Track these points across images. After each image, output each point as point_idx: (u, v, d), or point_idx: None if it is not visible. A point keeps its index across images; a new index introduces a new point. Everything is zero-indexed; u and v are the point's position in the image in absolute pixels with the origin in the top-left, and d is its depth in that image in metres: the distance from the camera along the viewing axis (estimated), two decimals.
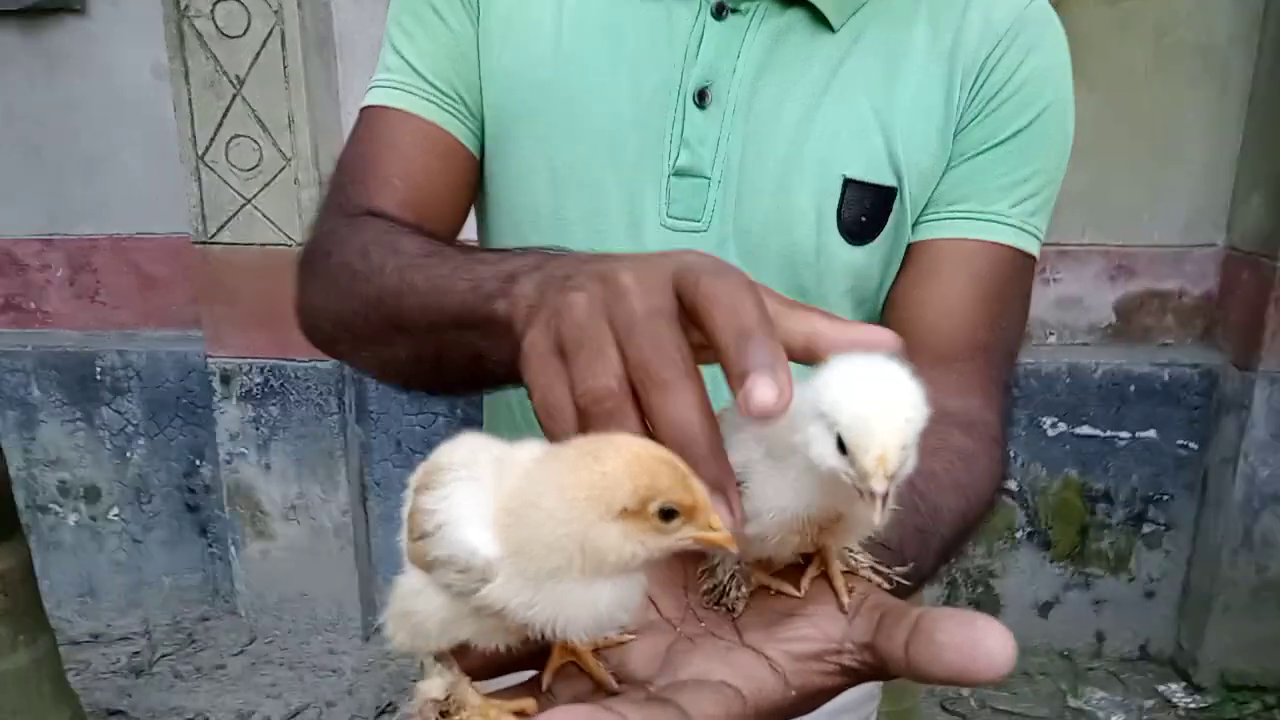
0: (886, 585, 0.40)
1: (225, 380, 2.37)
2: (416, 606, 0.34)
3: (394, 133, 0.73)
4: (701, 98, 0.69)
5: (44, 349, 2.52)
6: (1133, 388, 2.31)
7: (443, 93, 0.72)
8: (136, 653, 2.53)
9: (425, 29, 0.73)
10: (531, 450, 0.35)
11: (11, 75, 2.44)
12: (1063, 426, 2.34)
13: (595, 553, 0.31)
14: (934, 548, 0.55)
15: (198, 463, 2.56)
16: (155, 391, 2.51)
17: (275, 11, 2.18)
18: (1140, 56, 2.23)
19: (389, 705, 2.34)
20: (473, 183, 0.75)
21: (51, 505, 2.59)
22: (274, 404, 2.38)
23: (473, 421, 2.63)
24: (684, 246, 0.69)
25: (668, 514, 0.31)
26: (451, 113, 0.73)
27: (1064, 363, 2.32)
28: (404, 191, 0.70)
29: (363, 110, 0.75)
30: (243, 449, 2.42)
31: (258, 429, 2.40)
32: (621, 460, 0.31)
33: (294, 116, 2.23)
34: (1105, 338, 2.41)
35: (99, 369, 2.50)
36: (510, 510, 0.32)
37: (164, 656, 2.51)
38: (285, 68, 2.21)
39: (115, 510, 2.60)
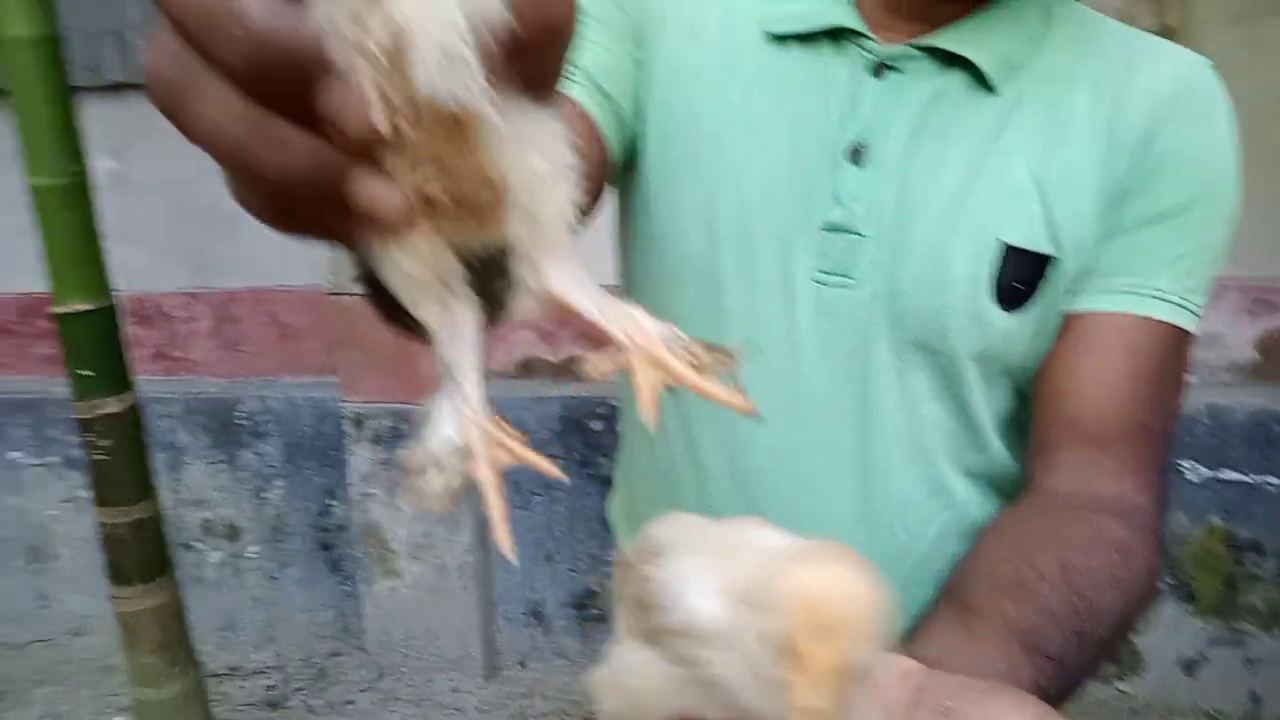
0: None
1: (357, 424, 2.48)
2: (637, 677, 0.36)
3: None
4: (857, 155, 0.69)
5: (190, 395, 2.69)
6: (1279, 428, 2.19)
7: (596, 84, 0.71)
8: (271, 686, 2.64)
9: (586, 32, 0.72)
10: (761, 534, 0.36)
11: (166, 143, 2.63)
12: (1204, 471, 2.23)
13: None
14: (1093, 651, 0.53)
15: (331, 503, 2.67)
16: (292, 435, 2.64)
17: None
18: (1274, 79, 2.13)
19: None
20: (599, 178, 0.73)
21: (195, 543, 2.74)
22: (402, 446, 2.47)
23: (587, 462, 2.67)
24: (834, 301, 0.70)
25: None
26: (599, 104, 0.71)
27: (1203, 403, 2.21)
28: None
29: None
30: (373, 489, 2.51)
31: (386, 470, 2.49)
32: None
33: None
34: (1247, 376, 2.29)
35: (240, 414, 2.65)
36: (744, 594, 0.34)
37: (297, 691, 2.61)
38: None
39: (254, 548, 2.74)
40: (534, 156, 0.29)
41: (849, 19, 0.70)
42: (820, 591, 0.30)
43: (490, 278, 0.32)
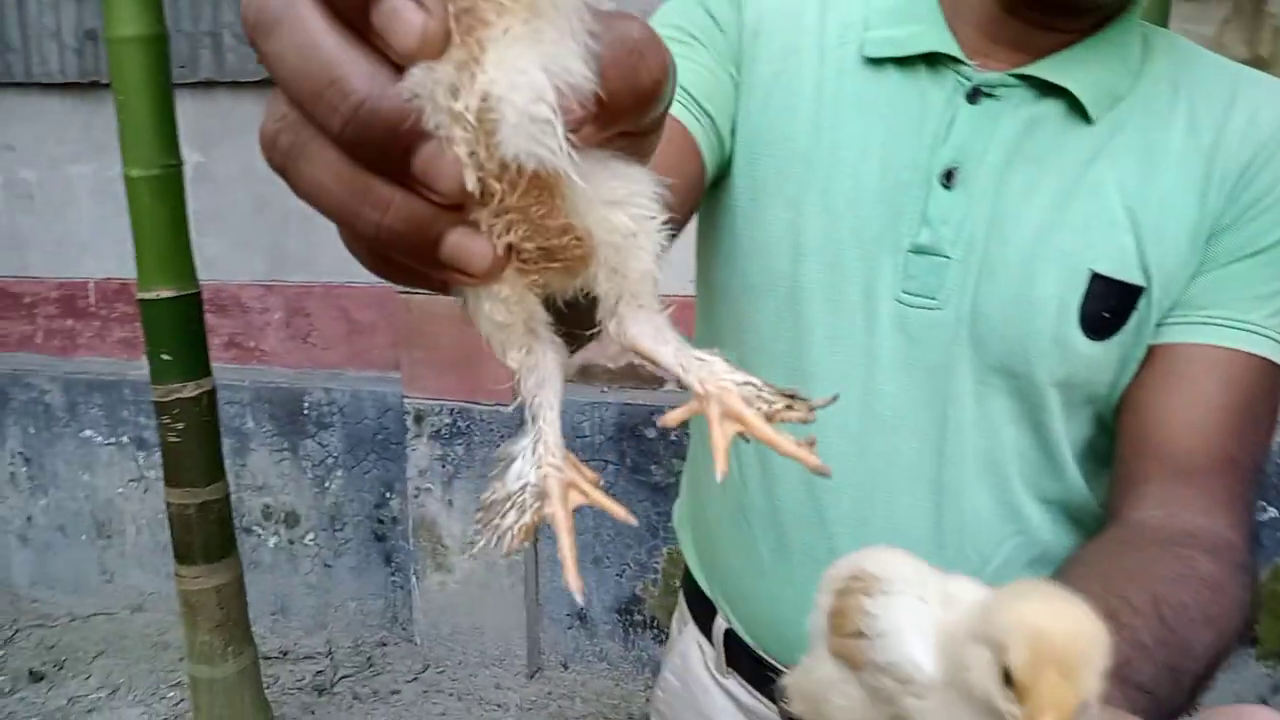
0: None
1: (418, 419, 2.53)
2: (830, 695, 0.38)
3: None
4: (949, 178, 0.69)
5: (259, 384, 2.77)
6: None
7: (693, 98, 0.72)
8: (320, 672, 2.69)
9: (684, 49, 0.74)
10: (966, 583, 0.37)
11: (250, 139, 2.72)
12: (1273, 511, 2.18)
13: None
14: (1186, 686, 0.53)
15: (388, 495, 2.73)
16: (354, 427, 2.71)
17: None
18: None
19: None
20: (694, 195, 0.74)
21: (255, 527, 2.81)
22: (460, 443, 2.52)
23: (639, 469, 2.68)
24: (917, 321, 0.71)
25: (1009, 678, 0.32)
26: (696, 118, 0.72)
27: (1276, 441, 2.16)
28: None
29: None
30: (429, 485, 2.56)
31: (444, 466, 2.54)
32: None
33: None
34: None
35: (306, 404, 2.72)
36: (954, 642, 0.35)
37: (344, 677, 2.67)
38: None
39: (311, 536, 2.80)
40: (619, 213, 0.30)
41: (947, 45, 0.70)
42: (1056, 627, 0.31)
43: (576, 317, 0.34)
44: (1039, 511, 0.74)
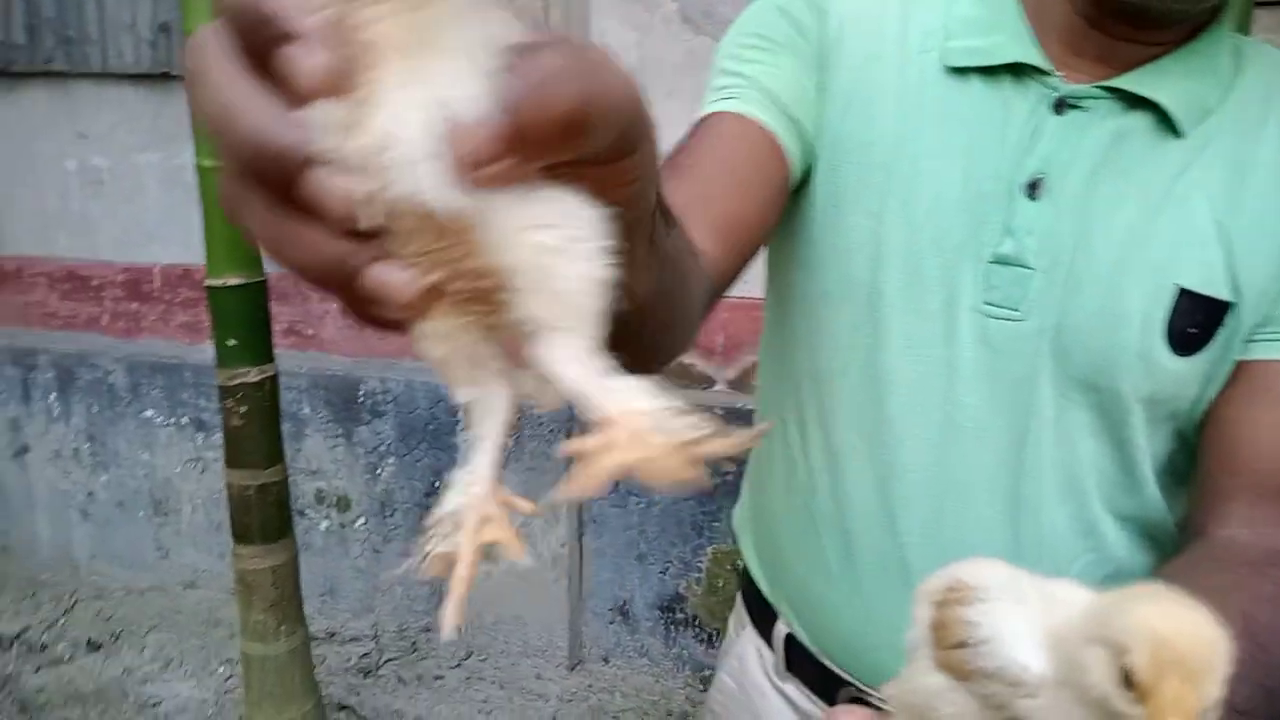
0: None
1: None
2: (937, 706, 0.39)
3: (716, 126, 0.72)
4: (1033, 189, 0.69)
5: (316, 371, 2.83)
6: None
7: (779, 104, 0.71)
8: (365, 654, 2.75)
9: (769, 56, 0.73)
10: (1069, 587, 0.38)
11: None
12: None
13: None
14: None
15: (437, 484, 2.77)
16: (407, 416, 2.75)
17: None
18: None
19: None
20: (779, 201, 0.74)
21: (307, 510, 2.88)
22: (510, 436, 2.55)
23: None
24: (998, 332, 0.70)
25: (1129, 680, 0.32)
26: (785, 128, 0.71)
27: None
28: (694, 174, 0.68)
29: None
30: None
31: None
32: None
33: None
34: None
35: (361, 393, 2.78)
36: (1063, 641, 0.36)
37: (389, 660, 2.72)
38: None
39: (361, 521, 2.86)
40: (540, 234, 0.29)
41: (1033, 56, 0.70)
42: (1180, 631, 0.32)
43: (636, 351, 0.34)
44: (1115, 528, 0.74)
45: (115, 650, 2.77)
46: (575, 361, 0.32)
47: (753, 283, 0.80)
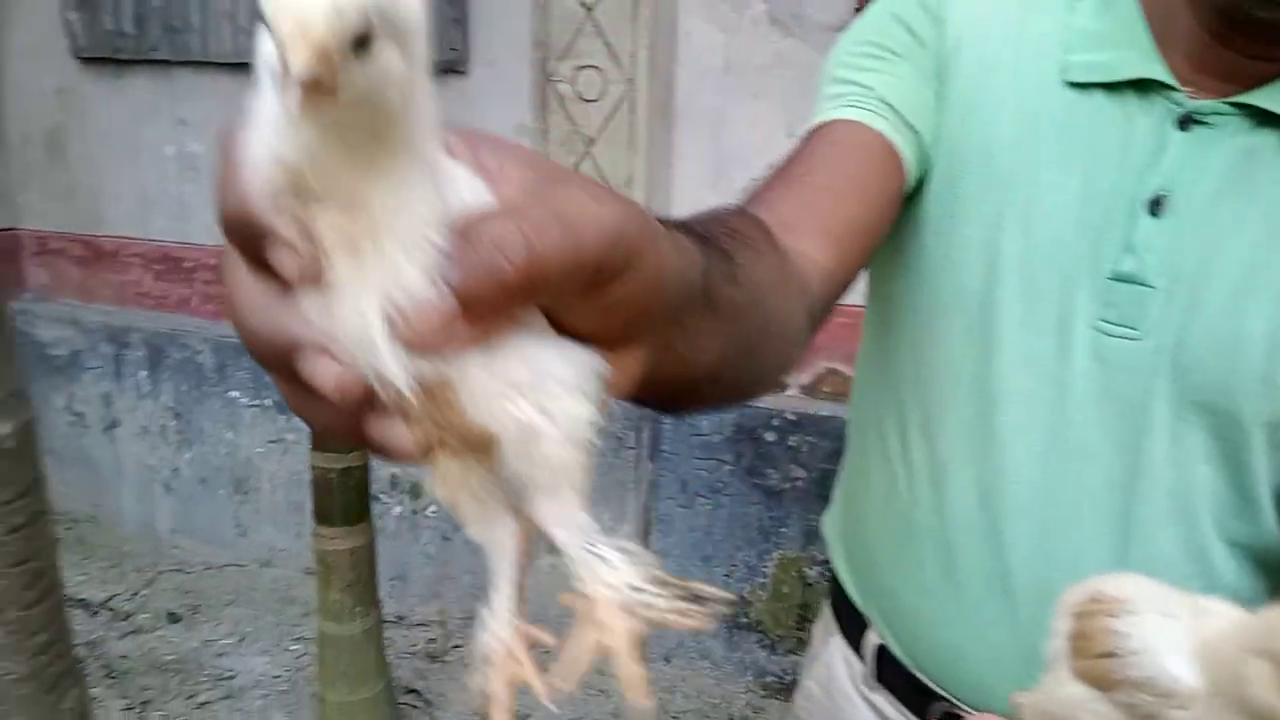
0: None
1: None
2: (1078, 715, 0.40)
3: (831, 134, 0.72)
4: (1156, 206, 0.68)
5: None
6: None
7: (897, 112, 0.71)
8: (433, 640, 2.80)
9: (887, 65, 0.73)
10: (1212, 601, 0.39)
11: None
12: None
13: None
14: None
15: None
16: None
17: (629, 80, 2.40)
18: None
19: None
20: (894, 208, 0.73)
21: (382, 495, 2.94)
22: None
23: (755, 471, 2.67)
24: (1114, 350, 0.69)
25: None
26: (904, 137, 0.71)
27: None
28: (807, 182, 0.68)
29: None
30: None
31: None
32: None
33: (633, 175, 2.43)
34: None
35: None
36: (1218, 654, 0.36)
37: (455, 646, 2.77)
38: (631, 131, 2.42)
39: (433, 508, 2.91)
40: (519, 403, 0.30)
41: (1158, 71, 0.68)
42: None
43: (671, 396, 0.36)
44: (1225, 553, 0.73)
45: (194, 623, 2.87)
46: (560, 526, 0.34)
47: None
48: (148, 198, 3.20)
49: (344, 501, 2.11)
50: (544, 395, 0.30)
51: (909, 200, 0.77)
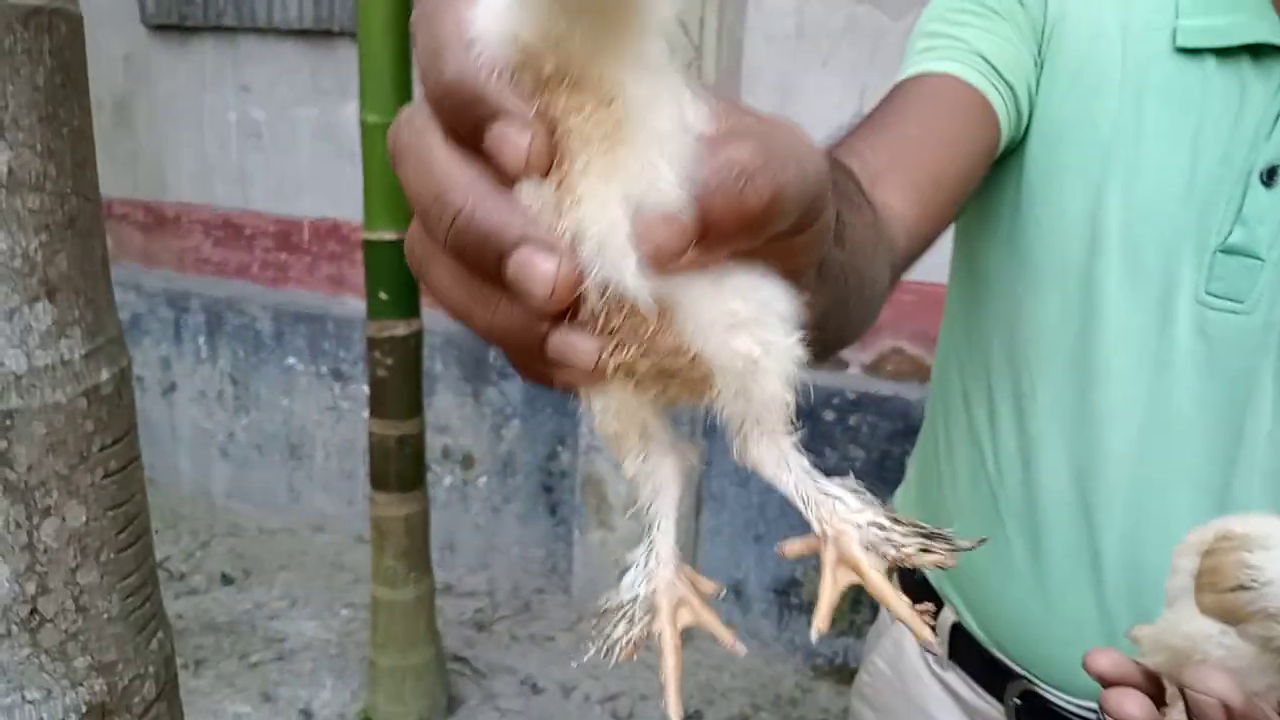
0: None
1: None
2: (1205, 648, 0.40)
3: (922, 85, 0.70)
4: (1270, 177, 0.66)
5: (450, 330, 2.89)
6: None
7: (994, 68, 0.69)
8: (480, 609, 2.82)
9: (985, 21, 0.71)
10: None
11: None
12: None
13: None
14: None
15: (559, 449, 2.81)
16: None
17: (696, 47, 2.36)
18: None
19: (695, 713, 2.42)
20: (984, 164, 0.71)
21: (433, 465, 2.96)
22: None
23: (813, 450, 2.69)
24: (1219, 324, 0.67)
25: None
26: (999, 92, 0.69)
27: None
28: (896, 133, 0.66)
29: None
30: (600, 444, 2.62)
31: None
32: None
33: None
34: None
35: (492, 354, 2.83)
36: None
37: (502, 618, 2.78)
38: None
39: (484, 479, 2.92)
40: (742, 337, 0.29)
41: (1276, 35, 0.66)
42: None
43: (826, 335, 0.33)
44: None
45: (247, 586, 2.91)
46: (781, 465, 0.33)
47: None
48: (210, 164, 3.23)
49: (400, 468, 2.13)
50: (765, 329, 0.29)
51: (1004, 167, 0.75)
